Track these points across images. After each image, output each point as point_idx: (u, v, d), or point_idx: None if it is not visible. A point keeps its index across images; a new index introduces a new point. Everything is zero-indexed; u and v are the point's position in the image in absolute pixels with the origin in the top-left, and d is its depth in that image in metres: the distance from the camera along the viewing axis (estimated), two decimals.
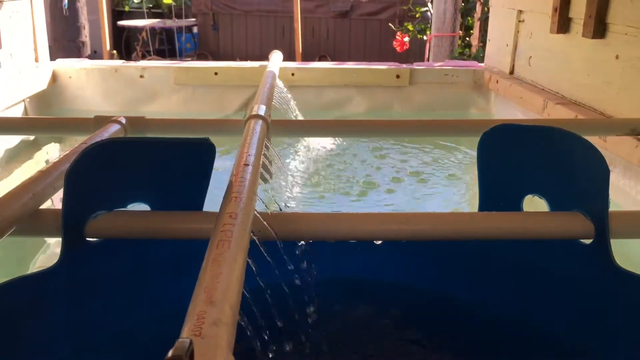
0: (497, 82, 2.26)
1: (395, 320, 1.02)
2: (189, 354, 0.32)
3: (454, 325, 0.99)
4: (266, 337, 0.81)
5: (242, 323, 0.73)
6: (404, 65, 2.46)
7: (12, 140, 1.99)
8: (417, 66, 2.46)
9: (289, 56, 2.78)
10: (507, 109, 2.19)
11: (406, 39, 5.55)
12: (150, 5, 7.55)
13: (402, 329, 1.00)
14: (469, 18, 5.40)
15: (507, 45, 2.28)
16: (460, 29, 5.15)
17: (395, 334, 1.00)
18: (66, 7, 5.91)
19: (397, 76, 2.38)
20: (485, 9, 4.35)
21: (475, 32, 4.65)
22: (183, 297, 0.53)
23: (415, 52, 6.02)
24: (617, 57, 1.54)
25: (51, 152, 2.05)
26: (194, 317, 0.45)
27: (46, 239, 1.29)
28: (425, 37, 5.49)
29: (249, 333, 0.76)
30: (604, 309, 0.84)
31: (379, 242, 0.93)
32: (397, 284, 1.03)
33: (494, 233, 0.84)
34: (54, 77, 2.34)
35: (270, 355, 0.83)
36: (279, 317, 0.82)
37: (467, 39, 5.30)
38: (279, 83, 1.84)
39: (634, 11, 1.45)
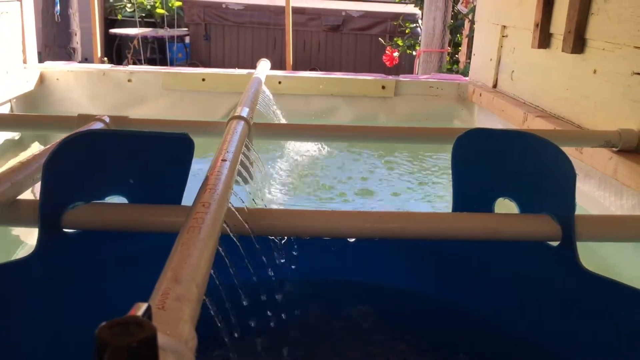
0: (480, 95, 2.29)
1: (370, 319, 1.03)
2: (146, 317, 0.34)
3: (424, 323, 1.01)
4: (237, 336, 0.81)
5: (213, 314, 0.74)
6: (390, 77, 2.49)
7: None
8: (402, 78, 2.49)
9: (279, 68, 2.81)
10: (489, 121, 2.23)
11: (396, 54, 5.61)
12: (143, 15, 7.57)
13: (375, 327, 1.02)
14: (459, 35, 5.48)
15: (490, 59, 2.32)
16: (449, 45, 5.22)
17: (369, 333, 1.02)
18: (58, 13, 5.92)
19: (383, 87, 2.42)
20: (473, 26, 4.41)
21: (463, 48, 4.71)
22: None
23: (405, 67, 6.09)
24: (594, 71, 1.57)
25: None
26: (158, 294, 0.46)
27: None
28: (414, 53, 5.56)
29: (219, 325, 0.77)
30: (569, 309, 0.86)
31: (352, 239, 0.95)
32: (371, 284, 1.04)
33: (464, 233, 0.86)
34: (42, 79, 2.34)
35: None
36: (253, 315, 0.83)
37: (456, 55, 5.37)
38: (265, 90, 1.86)
39: (611, 27, 1.49)
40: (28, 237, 1.30)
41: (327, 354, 0.99)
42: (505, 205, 0.91)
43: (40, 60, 2.50)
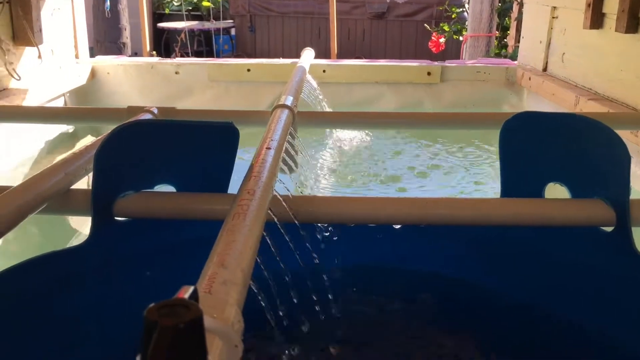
0: (529, 79, 2.23)
1: (415, 307, 1.03)
2: (193, 299, 0.34)
3: (474, 312, 0.99)
4: (285, 323, 0.82)
5: (262, 303, 0.74)
6: (436, 63, 2.46)
7: (51, 133, 2.06)
8: (448, 63, 2.45)
9: (324, 57, 2.81)
10: (539, 105, 2.17)
11: (442, 39, 5.53)
12: (190, 8, 7.68)
13: (422, 316, 1.01)
14: (506, 19, 5.35)
15: (540, 42, 2.26)
16: (497, 30, 5.10)
17: (415, 321, 1.01)
18: (108, 9, 6.07)
19: (429, 73, 2.38)
20: (522, 8, 4.30)
21: (512, 32, 4.60)
22: None
23: (451, 53, 5.99)
24: None
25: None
26: (205, 278, 0.47)
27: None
28: (461, 38, 5.46)
29: (269, 317, 0.77)
30: (624, 296, 0.83)
31: (398, 226, 0.94)
32: (418, 271, 1.03)
33: (514, 219, 0.84)
34: (93, 73, 2.41)
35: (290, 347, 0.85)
36: (299, 301, 0.83)
37: (504, 39, 5.25)
38: (310, 78, 1.86)
39: None
40: (82, 226, 1.34)
41: (373, 342, 0.99)
42: (555, 190, 0.89)
43: (92, 56, 2.57)
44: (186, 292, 0.35)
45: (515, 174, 0.92)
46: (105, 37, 6.30)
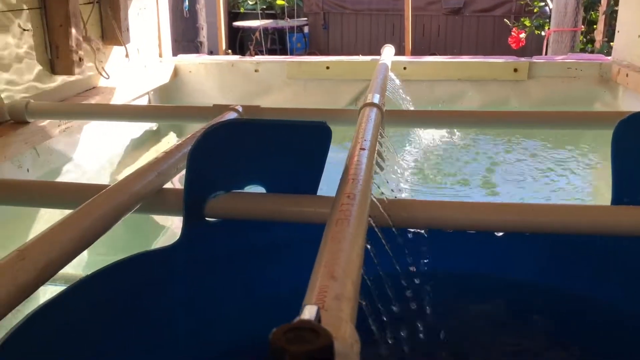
0: (627, 75, 2.09)
1: (515, 317, 0.97)
2: (317, 321, 0.31)
3: (577, 325, 0.92)
4: (385, 321, 0.79)
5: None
6: (522, 59, 2.35)
7: (136, 131, 2.11)
8: (536, 59, 2.34)
9: (397, 54, 2.75)
10: (637, 104, 2.03)
11: (522, 35, 5.33)
12: (264, 7, 7.76)
13: (521, 326, 0.95)
14: (592, 12, 5.09)
15: (639, 36, 2.11)
16: (583, 24, 4.86)
17: (513, 331, 0.96)
18: (187, 9, 6.21)
19: (515, 70, 2.28)
20: (612, 2, 4.07)
21: (600, 26, 4.36)
22: (296, 280, 0.53)
23: (532, 49, 5.75)
24: None
25: (171, 142, 2.15)
26: (315, 291, 0.44)
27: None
28: (543, 33, 5.25)
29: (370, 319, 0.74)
30: None
31: (500, 234, 0.88)
32: (519, 280, 0.97)
33: (629, 229, 0.77)
34: (176, 72, 2.46)
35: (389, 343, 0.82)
36: (396, 305, 0.80)
37: (590, 34, 5.00)
38: (393, 76, 1.81)
39: None
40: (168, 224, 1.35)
41: (467, 351, 0.95)
42: None
43: (173, 54, 2.62)
44: (309, 313, 0.31)
45: (629, 179, 0.84)
46: (183, 36, 6.46)
